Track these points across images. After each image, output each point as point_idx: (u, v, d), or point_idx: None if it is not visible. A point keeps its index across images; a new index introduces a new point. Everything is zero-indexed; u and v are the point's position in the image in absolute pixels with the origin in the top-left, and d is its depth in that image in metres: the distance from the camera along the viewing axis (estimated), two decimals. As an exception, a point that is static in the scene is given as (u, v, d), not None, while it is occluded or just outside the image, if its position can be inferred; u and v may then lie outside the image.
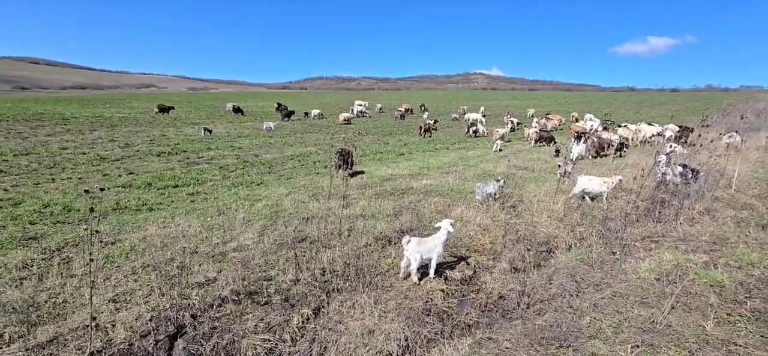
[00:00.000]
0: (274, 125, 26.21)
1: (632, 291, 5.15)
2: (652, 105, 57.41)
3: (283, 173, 13.47)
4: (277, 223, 7.95)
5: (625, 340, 4.10)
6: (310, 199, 9.70)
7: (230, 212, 8.59)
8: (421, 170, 13.61)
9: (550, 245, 7.61)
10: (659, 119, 32.27)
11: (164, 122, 27.74)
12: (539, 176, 12.46)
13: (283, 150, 18.48)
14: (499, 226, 7.96)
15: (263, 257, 6.41)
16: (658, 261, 5.90)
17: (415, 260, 5.71)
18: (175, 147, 18.00)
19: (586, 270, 5.97)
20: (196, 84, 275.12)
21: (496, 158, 16.56)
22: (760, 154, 14.97)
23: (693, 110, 44.63)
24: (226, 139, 21.37)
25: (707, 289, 5.03)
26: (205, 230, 7.54)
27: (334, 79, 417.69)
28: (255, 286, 5.52)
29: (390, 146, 20.46)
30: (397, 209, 8.90)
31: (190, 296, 5.19)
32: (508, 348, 4.18)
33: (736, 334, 4.12)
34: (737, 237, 6.85)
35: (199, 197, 10.34)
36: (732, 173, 10.65)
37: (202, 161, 15.36)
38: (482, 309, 5.48)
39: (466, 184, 11.22)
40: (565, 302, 5.06)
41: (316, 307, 5.14)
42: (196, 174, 12.86)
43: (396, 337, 4.52)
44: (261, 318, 4.87)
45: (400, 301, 5.33)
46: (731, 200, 9.17)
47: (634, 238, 7.16)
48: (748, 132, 19.44)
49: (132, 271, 5.90)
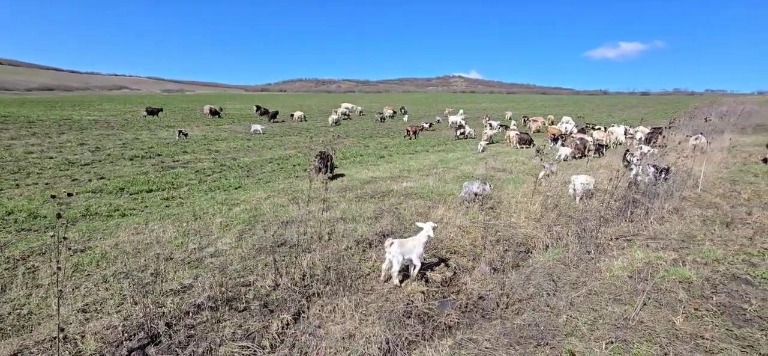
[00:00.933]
0: (262, 128, 25.79)
1: (607, 289, 5.30)
2: (624, 108, 59.44)
3: (262, 177, 13.27)
4: (255, 227, 7.81)
5: (599, 337, 4.21)
6: (290, 203, 9.58)
7: (207, 217, 8.40)
8: (401, 173, 13.65)
9: (528, 246, 7.75)
10: (631, 121, 33.45)
11: (137, 125, 26.90)
12: (517, 178, 12.69)
13: (261, 153, 18.21)
14: (479, 227, 8.06)
15: (241, 263, 6.28)
16: (631, 259, 6.09)
17: (397, 263, 5.72)
18: (148, 151, 17.47)
19: (562, 269, 6.11)
20: (170, 85, 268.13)
21: (475, 160, 16.78)
22: (723, 155, 15.69)
23: (662, 113, 46.43)
24: (203, 142, 20.90)
25: (676, 285, 5.22)
26: (180, 236, 7.34)
27: (313, 82, 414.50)
28: (233, 292, 5.40)
29: (370, 148, 20.46)
30: (377, 211, 8.89)
31: (164, 304, 5.04)
32: (488, 348, 4.23)
33: (703, 328, 4.29)
34: (704, 235, 7.15)
35: (175, 202, 10.07)
36: (698, 173, 11.12)
37: (177, 165, 14.96)
38: (462, 310, 5.53)
39: (445, 186, 11.32)
40: (543, 301, 5.16)
41: (296, 312, 5.08)
42: (171, 178, 12.51)
43: (377, 340, 4.51)
44: (239, 325, 4.77)
45: (380, 304, 5.32)
46: (698, 200, 9.57)
47: (608, 237, 7.37)
48: (713, 134, 20.35)
49: (103, 279, 5.68)
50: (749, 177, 11.90)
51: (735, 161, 14.65)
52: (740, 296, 4.94)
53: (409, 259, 5.85)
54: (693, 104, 61.94)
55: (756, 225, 7.55)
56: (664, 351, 3.93)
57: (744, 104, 52.12)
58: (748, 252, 6.23)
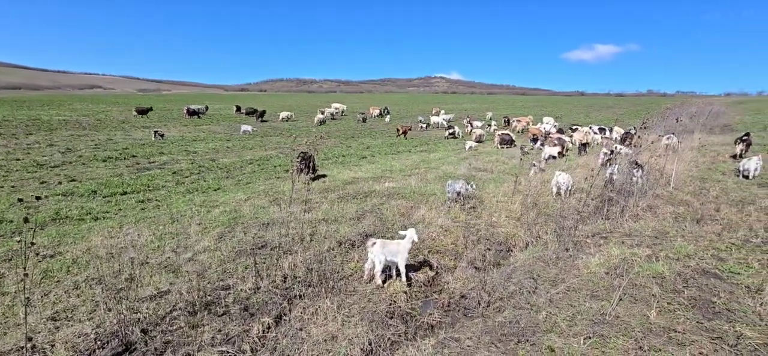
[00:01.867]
0: (251, 128, 25.44)
1: (584, 285, 5.42)
2: (600, 109, 61.04)
3: (242, 178, 13.04)
4: (235, 230, 7.67)
5: (578, 333, 4.30)
6: (271, 204, 9.45)
7: (185, 220, 8.20)
8: (383, 173, 13.65)
9: (509, 244, 7.86)
10: (607, 121, 34.40)
11: (111, 125, 26.05)
12: (498, 178, 12.86)
13: (241, 154, 17.91)
14: (461, 227, 8.13)
15: (221, 266, 6.15)
16: (607, 256, 6.25)
17: (379, 263, 5.72)
18: (123, 152, 16.95)
19: (542, 267, 6.22)
20: (146, 85, 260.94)
21: (457, 160, 16.93)
22: (693, 154, 16.29)
23: (636, 114, 47.87)
24: (180, 143, 20.41)
25: (650, 281, 5.38)
26: (156, 240, 7.14)
27: (294, 82, 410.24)
28: (212, 296, 5.28)
29: (353, 149, 20.39)
30: (360, 212, 8.86)
31: (139, 310, 4.89)
32: (470, 347, 4.26)
33: (675, 321, 4.43)
34: (676, 231, 7.40)
35: (151, 205, 9.79)
36: (670, 172, 11.51)
37: (153, 167, 14.56)
38: (445, 309, 5.56)
39: (428, 186, 11.37)
40: (523, 299, 5.23)
41: (277, 315, 5.00)
42: (146, 180, 12.16)
43: (359, 342, 4.48)
44: (218, 330, 4.66)
45: (363, 305, 5.29)
46: (670, 198, 9.90)
47: (585, 235, 7.55)
48: (683, 134, 21.11)
49: (74, 286, 5.47)
50: (717, 175, 12.39)
51: (704, 160, 15.24)
52: (709, 289, 5.13)
53: (393, 261, 5.85)
54: (665, 104, 64.09)
55: (724, 222, 7.86)
56: (639, 345, 4.05)
57: (712, 104, 54.28)
58: (717, 247, 6.49)
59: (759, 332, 4.18)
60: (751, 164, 11.66)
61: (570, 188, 10.37)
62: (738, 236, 6.96)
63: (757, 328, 4.25)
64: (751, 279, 5.32)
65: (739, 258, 6.03)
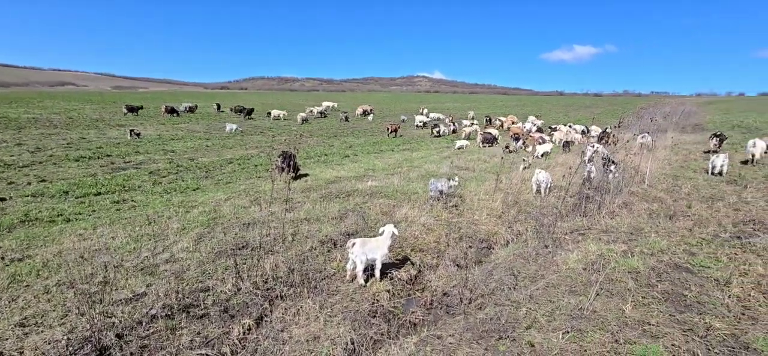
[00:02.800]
0: (236, 126, 25.00)
1: (563, 281, 5.53)
2: (579, 108, 62.46)
3: (222, 178, 12.80)
4: (215, 230, 7.52)
5: (557, 327, 4.39)
6: (252, 204, 9.31)
7: (162, 221, 7.99)
8: (366, 172, 13.62)
9: (490, 242, 7.96)
10: (585, 120, 35.20)
11: (84, 124, 25.18)
12: (479, 176, 13.00)
13: (221, 153, 17.58)
14: (443, 225, 8.18)
15: (200, 267, 6.02)
16: (585, 252, 6.40)
17: (360, 263, 5.71)
18: (97, 151, 16.40)
19: (522, 264, 6.32)
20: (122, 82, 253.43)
21: (439, 158, 17.04)
22: (667, 153, 16.85)
23: (612, 113, 49.20)
24: (158, 142, 19.89)
25: (626, 275, 5.54)
26: (132, 241, 6.93)
27: (276, 80, 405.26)
28: (190, 298, 5.16)
29: (335, 148, 20.28)
30: (342, 211, 8.81)
31: (114, 314, 4.74)
32: (452, 344, 4.29)
33: (649, 315, 4.57)
34: (650, 227, 7.64)
35: (126, 206, 9.50)
36: (645, 170, 11.88)
37: (129, 166, 14.14)
38: (427, 307, 5.58)
39: (410, 184, 11.41)
40: (504, 295, 5.31)
41: (258, 316, 4.93)
42: (122, 180, 11.81)
43: (342, 341, 4.46)
44: (197, 332, 4.57)
45: (346, 304, 5.27)
46: (644, 195, 10.20)
47: (563, 232, 7.71)
48: (657, 133, 21.81)
49: (44, 290, 5.26)
50: (689, 173, 12.84)
51: (677, 158, 15.78)
52: (681, 283, 5.31)
53: (373, 259, 5.85)
54: (640, 104, 66.16)
55: (695, 217, 8.15)
56: (615, 338, 4.15)
57: (684, 104, 56.34)
58: (688, 242, 6.72)
59: (727, 323, 4.35)
60: (718, 161, 12.25)
61: (549, 185, 10.58)
62: (708, 232, 7.23)
63: (725, 320, 4.42)
64: (720, 272, 5.53)
65: (709, 253, 6.26)
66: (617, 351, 3.96)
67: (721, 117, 37.87)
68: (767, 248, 6.26)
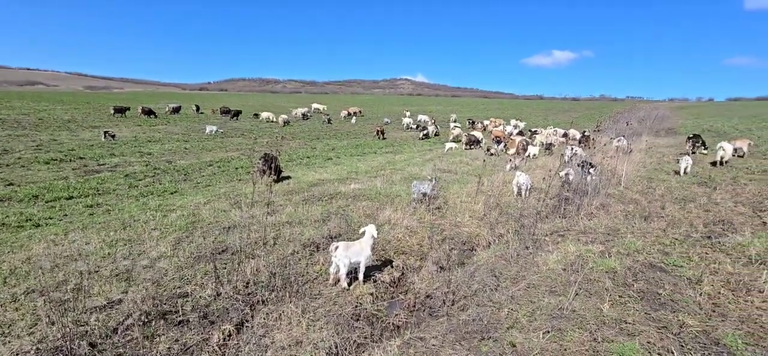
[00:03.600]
0: (216, 128, 24.45)
1: (543, 282, 5.62)
2: (558, 112, 63.94)
3: (201, 181, 12.55)
4: (194, 234, 7.35)
5: (537, 327, 4.45)
6: (232, 207, 9.14)
7: (138, 225, 7.76)
8: (349, 175, 13.58)
9: (473, 244, 8.03)
10: (564, 124, 36.02)
11: (55, 125, 24.29)
12: (462, 178, 13.13)
13: (200, 156, 17.24)
14: (426, 227, 8.21)
15: (178, 273, 5.87)
16: (564, 253, 6.53)
17: (343, 266, 5.67)
18: (69, 153, 15.84)
19: (504, 265, 6.40)
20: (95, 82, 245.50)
21: (422, 161, 17.14)
22: (641, 156, 17.39)
23: (590, 117, 50.55)
24: (134, 144, 19.36)
25: (603, 275, 5.67)
26: (107, 247, 6.71)
27: (257, 82, 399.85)
28: (168, 304, 5.03)
29: (318, 150, 20.15)
30: (325, 214, 8.75)
31: (88, 322, 4.57)
32: (435, 345, 4.30)
33: (626, 313, 4.69)
34: (626, 228, 7.86)
35: (100, 210, 9.20)
36: (621, 172, 12.23)
37: (103, 169, 13.71)
38: (411, 309, 5.58)
39: (393, 187, 11.42)
40: (486, 296, 5.36)
41: (239, 322, 4.83)
42: (95, 184, 11.43)
43: (324, 345, 4.42)
44: (176, 339, 4.45)
45: (329, 308, 5.22)
46: (621, 196, 10.50)
47: (544, 233, 7.85)
48: (632, 137, 22.50)
49: (12, 298, 5.03)
50: (663, 175, 13.29)
51: (651, 161, 16.32)
52: (656, 282, 5.47)
53: (357, 262, 5.83)
54: (616, 109, 68.08)
55: (668, 218, 8.43)
56: (593, 337, 4.24)
57: (658, 109, 58.27)
58: (662, 242, 6.94)
59: (699, 320, 4.50)
60: (683, 163, 13.32)
61: (529, 187, 10.78)
62: (681, 232, 7.48)
63: (697, 317, 4.58)
64: (692, 271, 5.73)
65: (682, 252, 6.48)
66: (596, 350, 4.04)
67: (693, 122, 39.37)
68: (736, 248, 6.53)
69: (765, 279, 5.29)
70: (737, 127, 31.45)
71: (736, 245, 6.65)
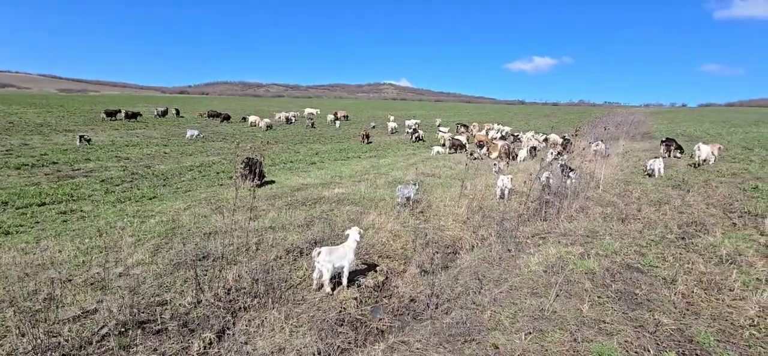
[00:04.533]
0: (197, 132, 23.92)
1: (525, 284, 5.71)
2: (539, 116, 65.17)
3: (181, 186, 12.29)
4: (173, 241, 7.18)
5: (520, 329, 4.51)
6: (213, 212, 8.98)
7: (115, 232, 7.54)
8: (332, 179, 13.52)
9: (456, 247, 8.09)
10: (544, 129, 36.74)
11: (26, 129, 23.43)
12: (445, 182, 13.23)
13: (180, 160, 16.89)
14: (410, 231, 8.24)
15: (157, 280, 5.73)
16: (545, 255, 6.64)
17: (327, 271, 5.62)
18: (41, 158, 15.30)
19: (487, 268, 6.47)
20: (70, 85, 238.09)
21: (406, 165, 17.20)
22: (618, 159, 17.87)
23: (570, 122, 51.66)
24: (110, 148, 18.84)
25: (583, 277, 5.79)
26: (81, 255, 6.50)
27: (239, 85, 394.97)
28: (146, 313, 4.89)
29: (301, 154, 20.01)
30: (308, 219, 8.68)
31: (60, 333, 4.40)
32: (419, 349, 4.31)
33: (605, 313, 4.80)
34: (604, 230, 8.05)
35: (74, 216, 8.91)
36: (599, 175, 12.53)
37: (78, 174, 13.28)
38: (394, 313, 5.58)
39: (377, 191, 11.42)
40: (469, 299, 5.40)
41: (220, 329, 4.73)
42: (70, 189, 11.07)
43: (308, 351, 4.37)
44: (154, 349, 4.33)
45: (312, 314, 5.17)
46: (599, 199, 10.76)
47: (525, 236, 7.98)
48: (610, 141, 23.06)
49: (-22, 310, 4.81)
50: (639, 178, 13.68)
51: (628, 164, 16.78)
52: (633, 282, 5.62)
53: (341, 266, 5.78)
54: (594, 114, 69.79)
55: (644, 220, 8.68)
56: (573, 337, 4.33)
57: (634, 114, 59.92)
58: (639, 244, 7.14)
59: (673, 319, 4.65)
60: (656, 165, 13.93)
61: (510, 189, 10.96)
62: (656, 233, 7.71)
63: (672, 315, 4.72)
64: (667, 271, 5.91)
65: (657, 253, 6.68)
66: (576, 350, 4.12)
67: (667, 126, 40.72)
68: (708, 248, 6.77)
69: (735, 278, 5.50)
70: (709, 131, 32.69)
71: (708, 245, 6.90)
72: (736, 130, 33.02)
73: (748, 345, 4.14)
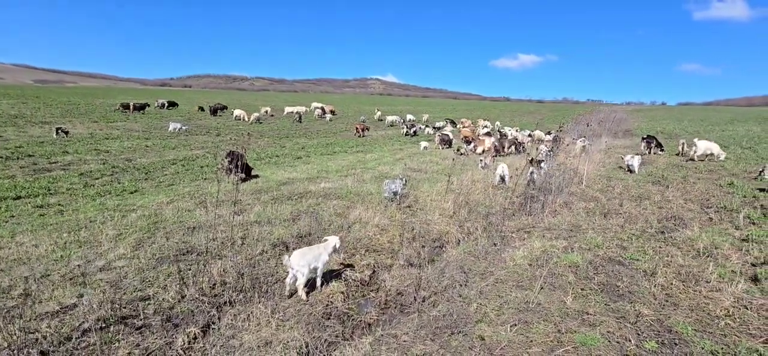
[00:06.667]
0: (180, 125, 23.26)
1: (511, 277, 5.78)
2: (524, 113, 65.90)
3: (164, 180, 12.04)
4: (156, 235, 7.04)
5: (505, 321, 4.58)
6: (197, 206, 8.83)
7: (95, 226, 7.36)
8: (319, 173, 13.43)
9: (443, 241, 8.14)
10: (529, 125, 37.18)
11: (0, 120, 22.59)
12: (432, 177, 13.28)
13: (162, 154, 16.54)
14: (397, 226, 8.25)
15: (139, 275, 5.61)
16: (530, 249, 6.74)
17: (302, 275, 5.24)
18: (16, 150, 14.78)
19: (473, 261, 6.53)
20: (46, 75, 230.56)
21: (393, 160, 17.20)
22: (601, 156, 18.23)
23: (554, 119, 52.36)
24: (89, 141, 18.32)
25: (567, 270, 5.90)
26: (59, 250, 6.31)
27: (223, 78, 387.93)
28: (129, 308, 4.79)
29: (287, 149, 19.81)
30: (295, 213, 8.61)
31: (38, 329, 4.28)
32: (406, 341, 4.33)
33: (588, 305, 4.90)
34: (587, 224, 8.21)
35: (52, 210, 8.64)
36: (582, 171, 12.77)
37: (55, 167, 12.89)
38: (382, 307, 5.59)
39: (364, 186, 11.40)
40: (456, 292, 5.45)
41: (205, 324, 4.67)
42: (46, 183, 10.73)
43: (295, 345, 4.34)
44: (136, 344, 4.24)
45: (299, 308, 5.14)
46: (582, 194, 10.96)
47: (511, 230, 8.08)
48: (592, 137, 23.53)
49: (-51, 306, 4.63)
50: (621, 174, 13.98)
51: (610, 161, 17.13)
52: (615, 275, 5.75)
53: (315, 267, 5.44)
54: (578, 111, 70.99)
55: (626, 215, 8.88)
56: (557, 328, 4.41)
57: (616, 112, 61.17)
58: (621, 238, 7.31)
59: (653, 310, 4.78)
60: (634, 161, 14.32)
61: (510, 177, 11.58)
62: (637, 227, 7.90)
63: (652, 306, 4.85)
64: (647, 264, 6.07)
65: (638, 246, 6.85)
66: (560, 341, 4.20)
67: (648, 124, 41.66)
68: (686, 242, 6.97)
69: (712, 271, 5.68)
70: (687, 129, 33.58)
71: (686, 239, 7.11)
72: (713, 128, 34.02)
73: (723, 334, 4.28)
